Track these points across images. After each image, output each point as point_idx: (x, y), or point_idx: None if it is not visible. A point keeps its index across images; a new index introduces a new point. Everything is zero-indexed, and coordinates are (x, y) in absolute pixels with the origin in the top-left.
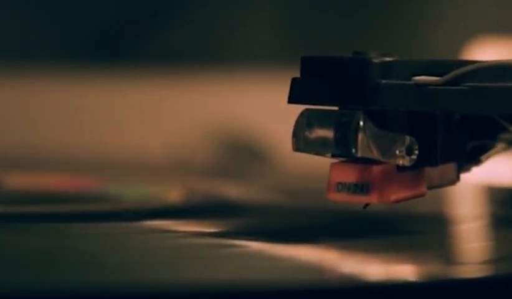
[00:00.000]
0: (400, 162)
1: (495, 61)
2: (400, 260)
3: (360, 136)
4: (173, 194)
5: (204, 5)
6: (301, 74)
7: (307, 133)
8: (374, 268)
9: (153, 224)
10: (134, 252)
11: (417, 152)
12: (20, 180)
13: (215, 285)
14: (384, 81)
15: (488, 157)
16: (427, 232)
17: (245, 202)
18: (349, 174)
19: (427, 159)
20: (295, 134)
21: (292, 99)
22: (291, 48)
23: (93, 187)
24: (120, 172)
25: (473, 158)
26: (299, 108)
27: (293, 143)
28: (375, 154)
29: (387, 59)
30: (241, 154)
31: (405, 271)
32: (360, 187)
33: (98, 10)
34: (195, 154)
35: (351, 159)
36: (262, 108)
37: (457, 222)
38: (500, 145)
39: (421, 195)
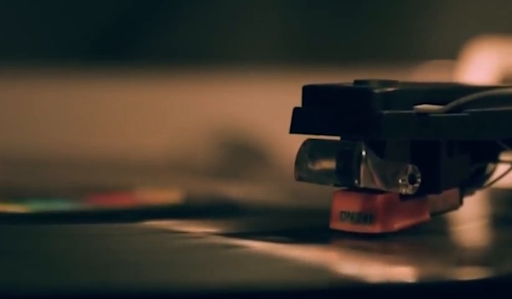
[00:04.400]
0: (403, 191)
1: (497, 90)
2: (400, 261)
3: (362, 167)
4: (173, 195)
5: (204, 6)
6: (303, 103)
7: (309, 164)
8: (374, 269)
9: (153, 225)
10: (134, 253)
11: (419, 180)
12: (20, 180)
13: (215, 286)
14: (385, 112)
15: (490, 183)
16: (427, 232)
17: (246, 203)
18: (353, 203)
19: (430, 186)
20: (297, 164)
21: (294, 130)
22: (292, 49)
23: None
24: (120, 172)
25: (475, 181)
26: None
27: (295, 173)
28: (377, 184)
29: (389, 89)
30: (242, 154)
31: (405, 272)
32: (364, 217)
33: (98, 10)
34: (196, 154)
35: (354, 188)
36: (262, 108)
37: (457, 222)
38: (502, 168)
39: (425, 221)
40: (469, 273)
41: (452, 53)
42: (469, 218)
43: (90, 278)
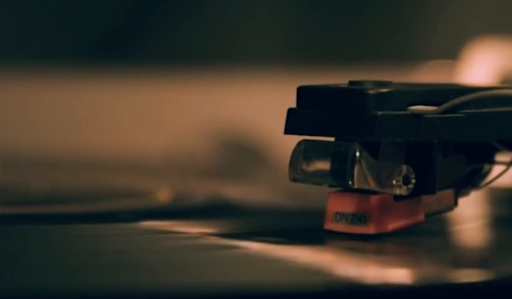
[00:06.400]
0: (397, 191)
1: (492, 91)
2: (395, 262)
3: (356, 167)
4: (172, 195)
5: (204, 6)
6: (297, 104)
7: (304, 165)
8: (369, 271)
9: (153, 225)
10: (134, 253)
11: (414, 181)
12: (20, 181)
13: (215, 287)
14: (380, 113)
15: (485, 184)
16: (422, 233)
17: (245, 203)
18: (347, 204)
19: (425, 187)
20: (292, 165)
21: (288, 130)
22: (292, 49)
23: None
24: (120, 172)
25: (470, 182)
26: None
27: (289, 173)
28: (371, 185)
29: (383, 90)
30: (241, 154)
31: (400, 273)
32: (358, 217)
33: (98, 10)
34: (196, 154)
35: (348, 188)
36: (262, 108)
37: (452, 223)
38: (497, 168)
39: (419, 222)
40: (464, 275)
41: (452, 53)
42: (465, 219)
43: (89, 278)
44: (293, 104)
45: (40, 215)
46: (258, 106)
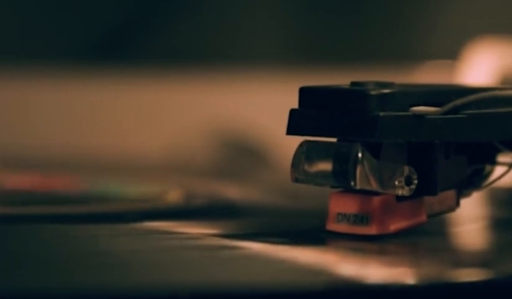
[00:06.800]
0: (399, 192)
1: (494, 92)
2: (397, 263)
3: (359, 168)
4: (173, 195)
5: (204, 6)
6: (299, 105)
7: (306, 166)
8: (371, 271)
9: (153, 225)
10: (134, 253)
11: (416, 182)
12: (20, 181)
13: (213, 287)
14: (382, 114)
15: (487, 185)
16: (424, 234)
17: (245, 203)
18: (349, 205)
19: (427, 188)
20: (294, 166)
21: (290, 131)
22: (292, 49)
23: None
24: (120, 172)
25: (472, 183)
26: None
27: (291, 174)
28: (374, 186)
29: (385, 91)
30: (242, 154)
31: (402, 273)
32: (360, 218)
33: (98, 10)
34: (195, 154)
35: (350, 189)
36: (262, 108)
37: (454, 223)
38: (499, 169)
39: (421, 223)
40: (466, 275)
41: (452, 53)
42: (466, 219)
43: (89, 278)
44: (293, 105)
45: (40, 215)
46: (258, 106)
